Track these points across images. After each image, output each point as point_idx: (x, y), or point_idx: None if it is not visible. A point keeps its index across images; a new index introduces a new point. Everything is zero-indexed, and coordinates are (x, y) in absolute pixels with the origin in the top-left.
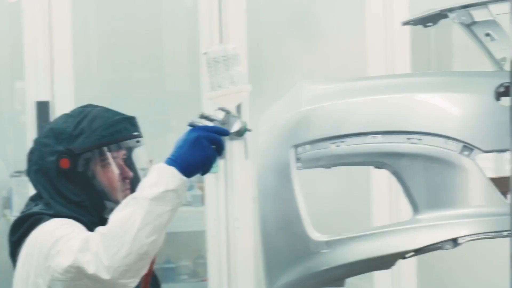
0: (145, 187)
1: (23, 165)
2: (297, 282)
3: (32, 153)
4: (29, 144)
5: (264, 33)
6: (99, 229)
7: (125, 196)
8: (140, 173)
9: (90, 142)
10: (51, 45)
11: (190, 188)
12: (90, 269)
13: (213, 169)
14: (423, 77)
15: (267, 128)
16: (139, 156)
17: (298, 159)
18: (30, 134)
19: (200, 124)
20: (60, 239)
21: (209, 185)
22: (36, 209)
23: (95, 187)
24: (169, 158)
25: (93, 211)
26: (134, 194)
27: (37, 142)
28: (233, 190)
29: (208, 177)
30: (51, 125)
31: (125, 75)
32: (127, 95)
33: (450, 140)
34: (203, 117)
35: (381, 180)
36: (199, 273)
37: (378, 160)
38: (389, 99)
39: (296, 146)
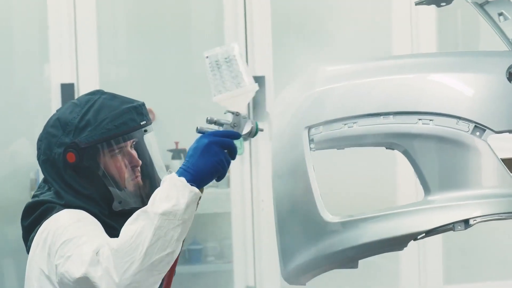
0: (156, 200)
1: None
2: (310, 263)
3: (40, 140)
4: None
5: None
6: (110, 242)
7: (134, 185)
8: (167, 154)
9: (96, 135)
10: (75, 27)
11: None
12: (102, 285)
13: (239, 151)
14: (435, 57)
15: (281, 110)
16: (151, 142)
17: (311, 141)
18: None
19: (209, 130)
20: (70, 241)
21: (234, 166)
22: (47, 196)
23: (103, 179)
24: (180, 168)
25: (102, 203)
26: (145, 208)
27: (45, 130)
28: (258, 172)
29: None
30: (58, 114)
31: (151, 56)
32: (154, 77)
33: (462, 121)
34: (212, 122)
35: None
36: (225, 254)
37: (390, 141)
38: (401, 80)
39: (310, 128)
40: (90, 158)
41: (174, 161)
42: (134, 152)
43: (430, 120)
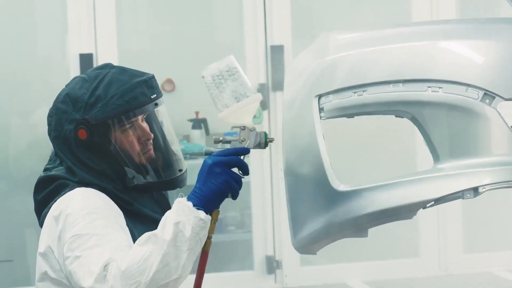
0: (166, 224)
1: None
2: (320, 232)
3: (50, 116)
4: None
5: None
6: (119, 261)
7: (147, 159)
8: (187, 124)
9: (106, 112)
10: None
11: None
12: None
13: (257, 120)
14: (445, 24)
15: (292, 78)
16: (163, 115)
17: (321, 109)
18: None
19: (216, 150)
20: (80, 237)
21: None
22: (60, 171)
23: (115, 155)
24: (191, 192)
25: (115, 179)
26: (155, 231)
27: (54, 106)
28: (277, 140)
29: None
30: (67, 89)
31: (170, 26)
32: (173, 46)
33: (471, 88)
34: (217, 141)
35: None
36: (246, 224)
37: (399, 109)
38: (411, 47)
39: (320, 96)
40: (102, 134)
41: (194, 130)
42: (145, 125)
43: (440, 87)
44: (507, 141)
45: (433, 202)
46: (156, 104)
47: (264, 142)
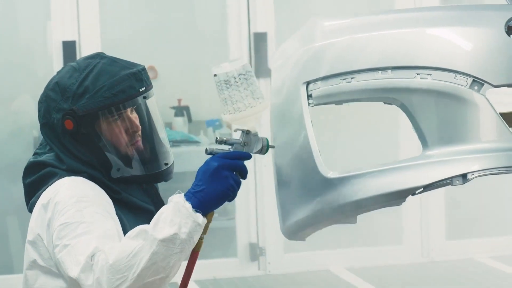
0: (159, 222)
1: None
2: (309, 219)
3: (40, 103)
4: None
5: None
6: (107, 253)
7: (133, 152)
8: (170, 112)
9: (93, 103)
10: None
11: (219, 126)
12: None
13: None
14: (433, 11)
15: (279, 64)
16: (151, 108)
17: (309, 96)
18: None
19: (219, 151)
20: (68, 226)
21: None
22: (49, 158)
23: (101, 147)
24: (189, 190)
25: (101, 169)
26: (147, 227)
27: (44, 93)
28: (261, 127)
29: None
30: (57, 77)
31: (153, 14)
32: (155, 34)
33: (460, 75)
34: (221, 142)
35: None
36: (229, 211)
37: (388, 95)
38: (399, 34)
39: (308, 83)
40: (88, 125)
41: (177, 118)
42: (133, 117)
43: (428, 74)
44: (496, 128)
45: (422, 189)
46: (145, 97)
47: (266, 148)
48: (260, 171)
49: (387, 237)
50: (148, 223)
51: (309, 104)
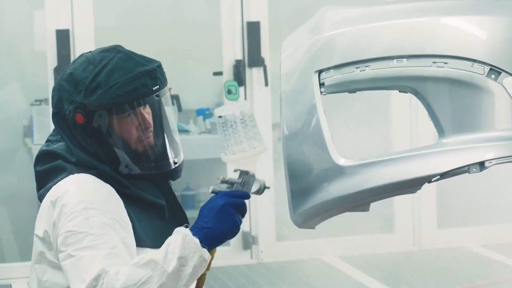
0: (168, 253)
1: (43, 93)
2: (321, 207)
3: (54, 91)
4: (50, 73)
5: None
6: (113, 277)
7: (142, 149)
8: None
9: (105, 100)
10: None
11: (210, 115)
12: None
13: (233, 96)
14: (447, 0)
15: (290, 52)
16: (164, 106)
17: (322, 84)
18: (50, 62)
19: (222, 190)
20: (74, 235)
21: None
22: (61, 148)
23: (110, 142)
24: (196, 226)
25: (110, 164)
26: (157, 258)
27: (58, 82)
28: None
29: (227, 104)
30: (71, 68)
31: (146, 3)
32: (146, 23)
33: (477, 63)
34: (224, 181)
35: (402, 105)
36: None
37: (403, 84)
38: (415, 23)
39: (320, 71)
40: (99, 120)
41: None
42: (146, 112)
43: (445, 63)
44: None
45: (438, 177)
46: (158, 95)
47: (262, 189)
48: None
49: (379, 225)
50: (159, 218)
51: (321, 92)
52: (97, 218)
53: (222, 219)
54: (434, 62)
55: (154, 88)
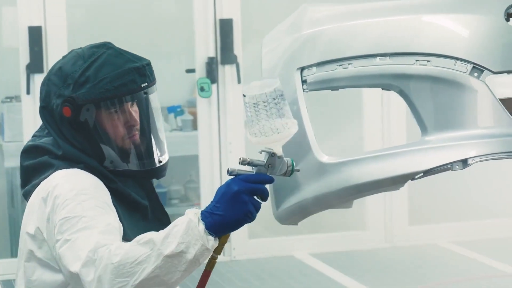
0: (169, 236)
1: (14, 90)
2: (305, 204)
3: (43, 85)
4: (23, 70)
5: None
6: (112, 251)
7: (128, 146)
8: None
9: (93, 94)
10: None
11: (181, 113)
12: None
13: (206, 93)
14: None
15: (270, 49)
16: (151, 104)
17: (304, 82)
18: (23, 59)
19: (242, 172)
20: (69, 220)
21: (202, 109)
22: (47, 142)
23: (96, 137)
24: (206, 210)
25: (96, 158)
26: (157, 237)
27: (47, 76)
28: (226, 114)
29: (200, 101)
30: (61, 62)
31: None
32: (119, 19)
33: (460, 61)
34: (245, 163)
35: (374, 103)
36: (190, 197)
37: (386, 82)
38: (397, 21)
39: (302, 69)
40: (86, 115)
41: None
42: (133, 111)
43: (428, 61)
44: (496, 114)
45: (421, 174)
46: (146, 93)
47: (290, 171)
48: (226, 157)
49: (350, 222)
50: (142, 219)
51: (303, 89)
52: (89, 202)
53: (234, 207)
54: (417, 60)
55: (142, 85)
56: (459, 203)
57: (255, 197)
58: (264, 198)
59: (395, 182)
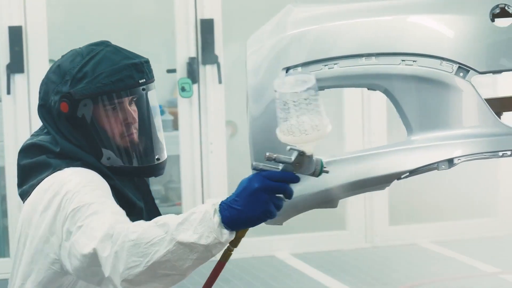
0: (186, 222)
1: None
2: (289, 204)
3: (41, 85)
4: (3, 69)
5: None
6: (130, 228)
7: (125, 143)
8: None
9: (91, 89)
10: None
11: (161, 113)
12: (107, 265)
13: (187, 94)
14: None
15: (255, 50)
16: (149, 100)
17: None
18: (3, 59)
19: (267, 168)
20: (79, 209)
21: (183, 109)
22: (45, 140)
23: (93, 133)
24: (227, 201)
25: (93, 155)
26: (174, 221)
27: (46, 75)
28: (207, 114)
29: (181, 101)
30: (59, 61)
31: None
32: (99, 19)
33: (445, 61)
34: (270, 159)
35: (354, 103)
36: (170, 197)
37: (372, 82)
38: (383, 21)
39: (287, 69)
40: (83, 110)
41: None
42: (130, 109)
43: (413, 61)
44: (481, 114)
45: (407, 174)
46: (144, 89)
47: (319, 171)
48: (207, 157)
49: (331, 222)
50: (138, 219)
51: None
52: (96, 191)
53: (252, 204)
54: (403, 60)
55: (140, 81)
56: (439, 203)
57: (278, 195)
58: (288, 197)
59: (381, 181)
